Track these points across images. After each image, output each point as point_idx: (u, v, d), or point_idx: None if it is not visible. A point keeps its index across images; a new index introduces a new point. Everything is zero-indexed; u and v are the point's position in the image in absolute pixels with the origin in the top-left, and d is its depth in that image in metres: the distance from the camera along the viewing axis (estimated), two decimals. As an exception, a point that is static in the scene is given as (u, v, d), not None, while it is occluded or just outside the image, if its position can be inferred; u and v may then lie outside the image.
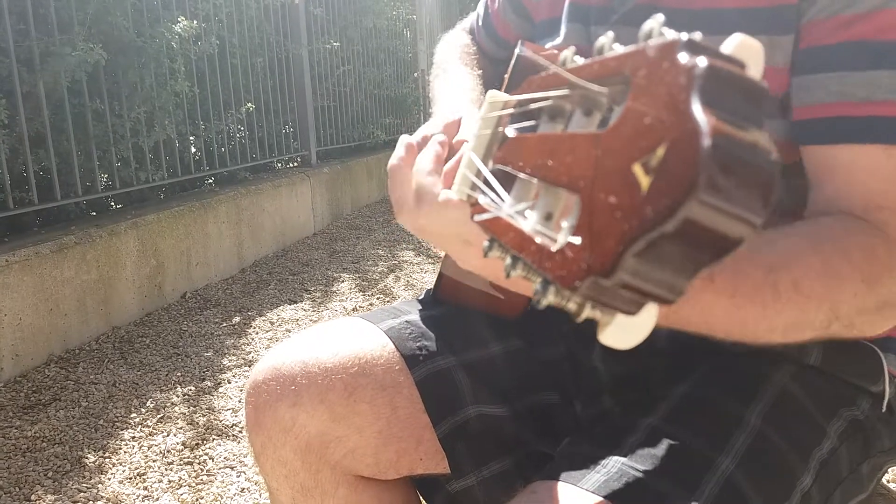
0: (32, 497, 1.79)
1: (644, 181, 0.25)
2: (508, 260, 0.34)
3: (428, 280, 3.56)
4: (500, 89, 1.03)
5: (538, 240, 0.31)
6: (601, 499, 0.61)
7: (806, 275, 0.58)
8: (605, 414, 0.82)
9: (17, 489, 1.83)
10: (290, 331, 2.91)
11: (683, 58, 0.25)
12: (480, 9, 1.12)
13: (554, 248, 0.30)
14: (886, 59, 0.62)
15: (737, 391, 0.72)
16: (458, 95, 0.93)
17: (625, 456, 0.66)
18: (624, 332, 0.30)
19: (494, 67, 1.09)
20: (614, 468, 0.64)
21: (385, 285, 3.48)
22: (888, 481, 1.63)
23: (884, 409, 0.78)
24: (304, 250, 4.18)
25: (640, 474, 0.63)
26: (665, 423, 0.70)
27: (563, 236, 0.29)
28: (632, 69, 0.27)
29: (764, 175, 0.24)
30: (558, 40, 0.86)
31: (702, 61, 0.25)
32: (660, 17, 0.28)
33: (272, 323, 2.98)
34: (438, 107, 0.95)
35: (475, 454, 0.83)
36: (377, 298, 3.29)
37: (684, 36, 0.26)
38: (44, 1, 2.69)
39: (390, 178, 0.66)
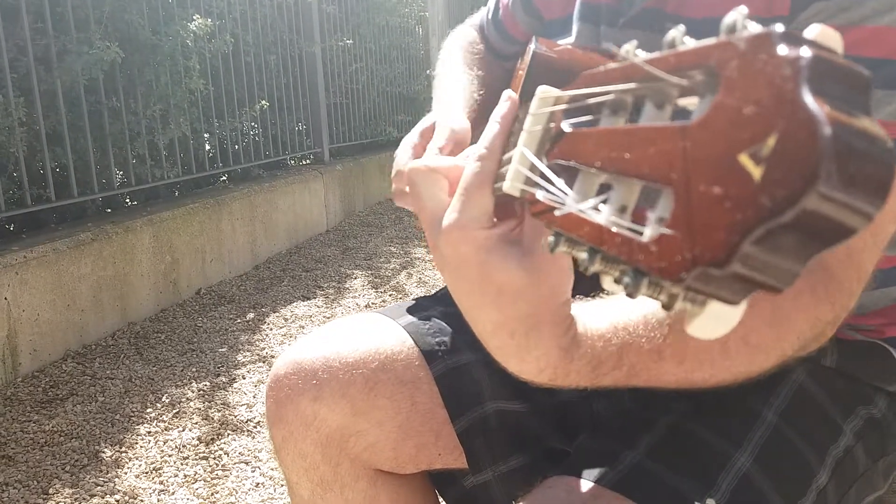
0: (50, 490, 1.82)
1: (755, 171, 0.24)
2: (584, 255, 0.34)
3: (439, 277, 3.57)
4: (508, 85, 1.03)
5: (617, 231, 0.31)
6: (617, 494, 0.62)
7: (755, 327, 0.57)
8: (623, 411, 0.83)
9: (36, 482, 1.85)
10: (303, 327, 2.92)
11: (783, 49, 0.25)
12: (491, 4, 1.13)
13: (642, 239, 0.29)
14: None
15: (754, 388, 0.72)
16: (449, 98, 0.95)
17: (641, 452, 0.66)
18: (713, 322, 0.30)
19: (501, 64, 1.10)
20: (630, 464, 0.65)
21: (397, 282, 3.50)
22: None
23: None
24: (316, 247, 4.20)
25: (655, 470, 0.64)
26: (681, 420, 0.70)
27: (654, 228, 0.29)
28: (719, 62, 0.27)
29: (880, 164, 0.24)
30: (570, 39, 0.87)
31: (805, 51, 0.24)
32: (743, 9, 0.28)
33: (286, 319, 3.00)
34: (435, 108, 0.96)
35: (493, 449, 0.84)
36: (389, 295, 3.30)
37: (778, 27, 0.26)
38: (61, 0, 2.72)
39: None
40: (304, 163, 4.96)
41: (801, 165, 0.23)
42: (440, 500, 0.92)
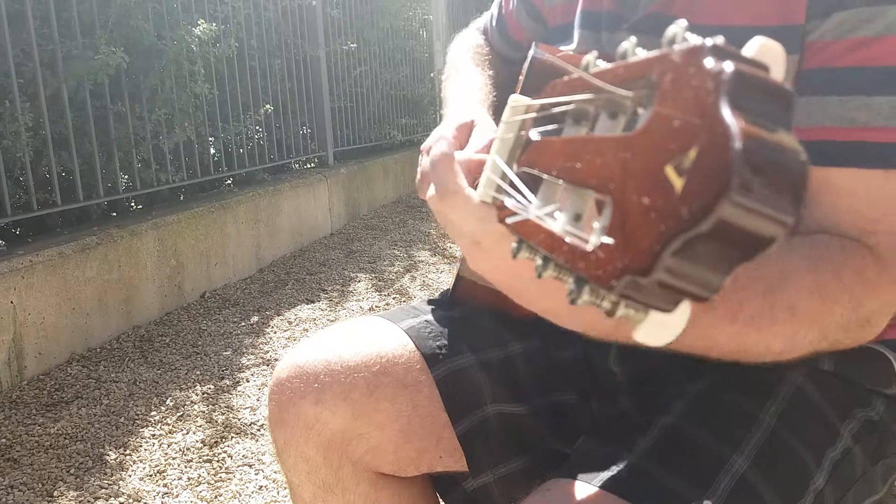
0: (55, 493, 1.83)
1: (677, 183, 0.25)
2: (539, 261, 0.35)
3: (443, 280, 3.58)
4: (514, 90, 1.04)
5: (569, 240, 0.32)
6: (615, 497, 0.62)
7: (800, 297, 0.59)
8: (622, 413, 0.83)
9: (41, 485, 1.86)
10: (307, 330, 2.93)
11: (709, 62, 0.26)
12: (494, 9, 1.13)
13: (587, 248, 0.30)
14: (887, 86, 0.62)
15: (751, 390, 0.73)
16: (469, 97, 0.95)
17: (639, 454, 0.67)
18: (658, 329, 0.31)
19: (507, 68, 1.10)
20: (628, 466, 0.65)
21: (401, 285, 3.50)
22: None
23: None
24: (321, 250, 4.21)
25: (653, 472, 0.64)
26: (679, 422, 0.70)
27: (596, 237, 0.30)
28: (658, 73, 0.28)
29: (793, 175, 0.25)
30: (572, 46, 0.87)
31: (728, 66, 0.25)
32: (683, 23, 0.29)
33: (290, 322, 3.01)
34: (450, 108, 0.96)
35: (493, 452, 0.84)
36: (393, 298, 3.31)
37: (709, 41, 0.27)
38: (66, 5, 2.73)
39: (432, 165, 0.63)
40: (308, 166, 4.97)
41: (716, 177, 0.24)
42: (441, 503, 0.92)
